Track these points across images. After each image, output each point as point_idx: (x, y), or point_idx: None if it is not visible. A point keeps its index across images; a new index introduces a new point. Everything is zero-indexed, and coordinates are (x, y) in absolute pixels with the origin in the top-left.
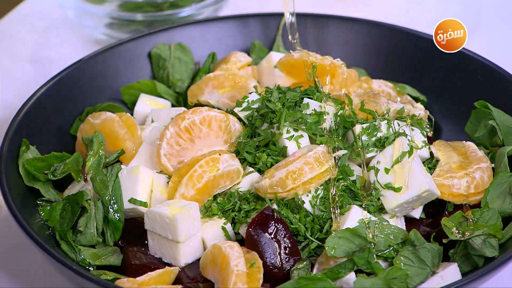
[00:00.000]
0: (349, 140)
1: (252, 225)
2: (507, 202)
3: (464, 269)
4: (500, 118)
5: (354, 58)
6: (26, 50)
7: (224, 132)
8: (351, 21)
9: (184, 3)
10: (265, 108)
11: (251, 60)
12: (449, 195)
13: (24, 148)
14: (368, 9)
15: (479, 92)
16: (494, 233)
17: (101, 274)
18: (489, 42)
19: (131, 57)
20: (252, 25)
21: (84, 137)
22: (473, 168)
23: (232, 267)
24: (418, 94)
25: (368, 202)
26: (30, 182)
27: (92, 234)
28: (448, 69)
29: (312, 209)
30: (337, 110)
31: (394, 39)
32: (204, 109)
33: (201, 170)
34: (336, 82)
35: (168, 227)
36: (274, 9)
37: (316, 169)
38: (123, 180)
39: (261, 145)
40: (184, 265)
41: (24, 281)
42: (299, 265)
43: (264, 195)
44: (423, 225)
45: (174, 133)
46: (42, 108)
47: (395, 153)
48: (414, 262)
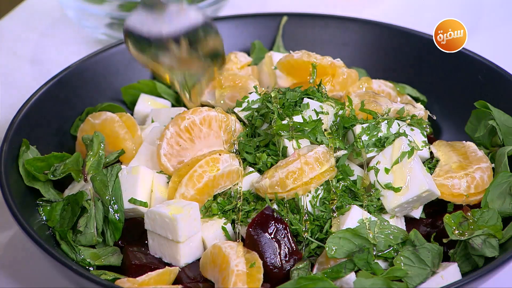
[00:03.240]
0: (349, 140)
1: (252, 225)
2: (507, 202)
3: (464, 269)
4: (500, 118)
5: (354, 58)
6: (26, 50)
7: (224, 132)
8: (351, 21)
9: None
10: (265, 108)
11: (251, 60)
12: (449, 195)
13: (24, 148)
14: (368, 9)
15: (479, 92)
16: (494, 233)
17: (101, 274)
18: (489, 42)
19: (131, 57)
20: (252, 25)
21: (84, 137)
22: (473, 168)
23: (232, 267)
24: (418, 94)
25: (368, 202)
26: (30, 182)
27: (92, 234)
28: (448, 69)
29: (312, 209)
30: (337, 110)
31: (394, 39)
32: (204, 109)
33: (201, 170)
34: (336, 82)
35: (168, 227)
36: (274, 9)
37: (316, 169)
38: (123, 180)
39: (261, 145)
40: (184, 265)
41: (24, 281)
42: (299, 265)
43: (264, 195)
44: (423, 225)
45: (174, 133)
46: (42, 108)
47: (395, 153)
48: (414, 262)
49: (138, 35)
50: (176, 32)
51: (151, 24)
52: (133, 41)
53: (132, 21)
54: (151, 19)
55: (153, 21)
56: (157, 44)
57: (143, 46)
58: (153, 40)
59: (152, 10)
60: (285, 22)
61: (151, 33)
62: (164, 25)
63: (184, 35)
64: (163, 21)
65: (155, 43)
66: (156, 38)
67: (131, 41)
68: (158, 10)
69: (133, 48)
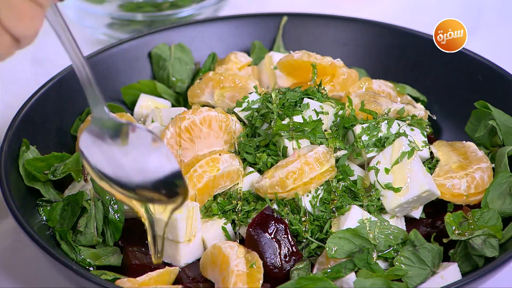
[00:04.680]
0: (349, 140)
1: (252, 225)
2: (507, 202)
3: (464, 269)
4: (500, 118)
5: (354, 58)
6: (26, 50)
7: (224, 132)
8: (351, 21)
9: (184, 3)
10: (265, 108)
11: (251, 60)
12: (449, 195)
13: (24, 148)
14: (368, 9)
15: (479, 92)
16: (494, 233)
17: (101, 274)
18: (489, 42)
19: (131, 57)
20: (252, 25)
21: None
22: (473, 168)
23: (232, 267)
24: (418, 94)
25: (368, 202)
26: (30, 182)
27: (92, 234)
28: (448, 69)
29: (312, 210)
30: (337, 110)
31: (394, 39)
32: (204, 109)
33: (201, 170)
34: (336, 82)
35: (168, 227)
36: (274, 9)
37: (316, 169)
38: None
39: (261, 145)
40: (184, 265)
41: (24, 281)
42: (299, 265)
43: (264, 195)
44: (423, 225)
45: (174, 133)
46: (42, 108)
47: (395, 153)
48: (414, 262)
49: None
50: (147, 181)
51: (113, 155)
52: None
53: (89, 146)
54: (111, 148)
55: (117, 160)
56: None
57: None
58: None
59: (120, 146)
60: (285, 22)
61: (119, 177)
62: (134, 172)
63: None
64: (132, 167)
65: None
66: (123, 184)
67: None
68: (123, 146)
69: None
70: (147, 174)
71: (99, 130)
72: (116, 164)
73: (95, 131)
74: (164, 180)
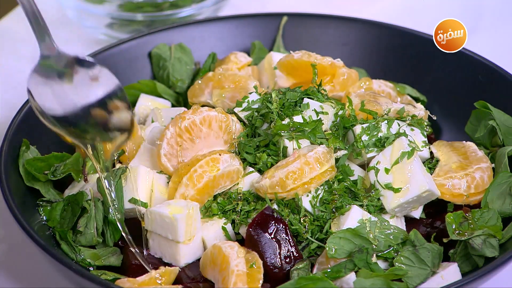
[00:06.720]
0: (349, 140)
1: (252, 225)
2: (507, 202)
3: (464, 269)
4: (500, 118)
5: (354, 58)
6: (26, 50)
7: (224, 132)
8: (351, 21)
9: (184, 3)
10: (265, 108)
11: (251, 60)
12: (449, 195)
13: (24, 148)
14: (368, 9)
15: (479, 92)
16: (494, 233)
17: (101, 274)
18: (489, 42)
19: (131, 57)
20: (252, 25)
21: None
22: (473, 168)
23: (232, 267)
24: (418, 94)
25: (368, 202)
26: (30, 182)
27: (92, 234)
28: (448, 69)
29: (312, 210)
30: (337, 110)
31: (394, 39)
32: (204, 109)
33: (201, 170)
34: (337, 82)
35: (168, 227)
36: (274, 9)
37: (316, 169)
38: (123, 180)
39: (261, 145)
40: (184, 265)
41: (24, 281)
42: (299, 265)
43: (264, 195)
44: (423, 225)
45: (174, 133)
46: None
47: (395, 153)
48: (414, 262)
49: (47, 107)
50: (89, 102)
51: (60, 93)
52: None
53: (37, 85)
54: (59, 86)
55: (61, 89)
56: (70, 118)
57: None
58: (67, 114)
59: (62, 77)
60: (285, 22)
61: (65, 105)
62: (76, 96)
63: (97, 105)
64: (75, 91)
65: (69, 116)
66: (70, 112)
67: (35, 104)
68: (67, 77)
69: (38, 112)
70: (94, 105)
71: (46, 68)
72: (65, 102)
73: (42, 70)
74: (106, 101)
